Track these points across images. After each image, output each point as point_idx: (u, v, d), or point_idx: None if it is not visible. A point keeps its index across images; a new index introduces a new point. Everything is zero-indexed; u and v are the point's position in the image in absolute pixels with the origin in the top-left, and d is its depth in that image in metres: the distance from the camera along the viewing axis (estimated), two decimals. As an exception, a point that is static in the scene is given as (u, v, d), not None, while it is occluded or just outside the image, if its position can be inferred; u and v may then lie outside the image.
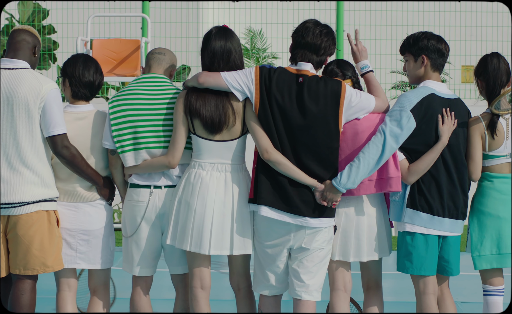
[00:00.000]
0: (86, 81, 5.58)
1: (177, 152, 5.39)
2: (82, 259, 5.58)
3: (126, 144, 5.48)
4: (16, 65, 5.43)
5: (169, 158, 5.39)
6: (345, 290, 5.57)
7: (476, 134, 5.61)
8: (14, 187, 5.36)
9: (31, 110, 5.35)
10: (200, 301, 5.44)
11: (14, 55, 5.46)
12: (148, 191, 5.50)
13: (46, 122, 5.36)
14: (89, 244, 5.57)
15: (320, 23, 5.42)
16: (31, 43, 5.51)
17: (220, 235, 5.35)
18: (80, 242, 5.56)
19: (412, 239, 5.50)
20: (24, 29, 5.54)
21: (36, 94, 5.35)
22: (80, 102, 5.62)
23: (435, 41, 5.55)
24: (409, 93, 5.50)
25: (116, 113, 5.49)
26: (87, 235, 5.56)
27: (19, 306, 5.43)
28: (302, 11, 12.81)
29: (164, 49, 5.70)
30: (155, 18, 12.99)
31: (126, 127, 5.47)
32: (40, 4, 15.34)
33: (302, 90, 5.29)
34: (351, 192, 5.40)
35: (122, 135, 5.47)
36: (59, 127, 5.38)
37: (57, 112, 5.38)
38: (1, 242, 5.44)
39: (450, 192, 5.51)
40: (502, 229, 5.64)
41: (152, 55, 5.64)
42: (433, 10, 13.72)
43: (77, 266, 5.59)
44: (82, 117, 5.58)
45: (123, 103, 5.50)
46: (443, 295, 5.67)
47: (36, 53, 5.54)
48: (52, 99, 5.37)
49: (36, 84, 5.38)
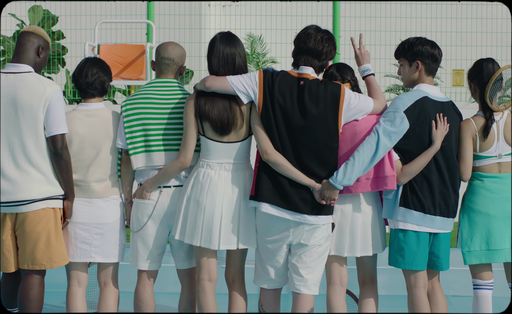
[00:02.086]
0: (89, 80, 5.57)
1: (188, 153, 5.38)
2: (97, 253, 5.56)
3: (138, 146, 5.47)
4: (20, 69, 5.42)
5: (181, 159, 5.39)
6: (341, 284, 5.57)
7: (468, 135, 5.61)
8: (21, 186, 5.34)
9: (35, 112, 5.33)
10: (207, 292, 5.45)
11: (18, 60, 5.45)
12: (158, 190, 5.50)
13: (49, 122, 5.35)
14: (103, 237, 5.55)
15: (321, 29, 5.42)
16: (35, 44, 5.48)
17: (229, 231, 5.37)
18: (95, 236, 5.55)
19: (404, 236, 5.50)
20: (29, 31, 5.51)
21: (40, 96, 5.34)
22: (91, 100, 5.62)
23: (429, 47, 5.54)
24: (403, 95, 5.50)
25: (129, 116, 5.49)
26: (101, 229, 5.55)
27: (28, 300, 5.42)
28: (300, 17, 12.82)
29: (173, 49, 5.61)
30: (160, 24, 12.99)
31: (139, 129, 5.47)
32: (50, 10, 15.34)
33: (303, 93, 5.28)
34: (349, 190, 5.40)
35: (134, 137, 5.47)
36: (61, 127, 5.37)
37: (59, 113, 5.37)
38: (10, 238, 5.44)
39: (442, 191, 5.50)
40: (491, 226, 5.65)
41: (162, 60, 5.59)
42: (425, 17, 13.72)
43: (92, 260, 5.57)
44: (92, 114, 5.57)
45: (136, 107, 5.50)
46: (434, 289, 5.67)
47: (40, 54, 5.50)
48: (55, 100, 5.36)
49: (40, 86, 5.37)
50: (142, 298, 5.58)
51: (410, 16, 13.51)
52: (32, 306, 5.41)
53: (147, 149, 5.48)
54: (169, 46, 5.62)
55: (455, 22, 13.71)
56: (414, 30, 12.44)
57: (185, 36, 13.56)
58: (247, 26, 14.23)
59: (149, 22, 11.62)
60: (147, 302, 5.58)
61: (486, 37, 13.45)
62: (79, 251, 5.55)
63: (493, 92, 5.63)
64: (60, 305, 7.32)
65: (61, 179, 5.44)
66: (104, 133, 5.55)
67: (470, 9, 13.72)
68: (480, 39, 13.42)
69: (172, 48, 5.61)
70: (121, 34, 13.90)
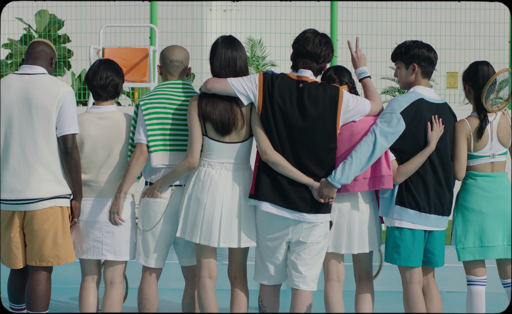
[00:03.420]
0: (103, 83, 5.56)
1: (195, 152, 5.37)
2: (108, 251, 5.55)
3: (158, 144, 5.46)
4: (35, 71, 5.46)
5: (189, 159, 5.37)
6: (338, 280, 5.57)
7: (462, 136, 5.61)
8: (30, 185, 5.35)
9: (49, 111, 5.35)
10: (208, 289, 5.44)
11: (33, 62, 5.49)
12: (170, 189, 5.49)
13: (61, 122, 5.37)
14: (114, 236, 5.54)
15: (319, 32, 5.41)
16: (49, 54, 5.55)
17: (229, 229, 5.36)
18: (106, 235, 5.54)
19: (400, 233, 5.50)
20: (43, 41, 5.59)
21: (54, 97, 5.36)
22: (103, 103, 5.61)
23: (425, 50, 5.54)
24: (400, 97, 5.50)
25: (149, 114, 5.46)
26: (111, 228, 5.54)
27: (35, 295, 5.42)
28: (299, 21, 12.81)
29: (180, 51, 5.62)
30: (162, 28, 12.99)
31: (158, 128, 5.46)
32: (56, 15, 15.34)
33: (303, 95, 5.28)
34: (346, 189, 5.40)
35: (154, 135, 5.46)
36: (73, 127, 5.38)
37: (71, 113, 5.39)
38: (19, 235, 5.44)
39: (436, 190, 5.50)
40: (485, 223, 5.65)
41: (171, 63, 5.58)
42: (420, 21, 13.73)
43: (103, 257, 5.56)
44: (104, 117, 5.56)
45: (154, 106, 5.47)
46: (429, 285, 5.66)
47: (52, 64, 5.58)
48: (68, 101, 5.39)
49: (54, 87, 5.39)
50: (147, 296, 5.57)
51: (405, 21, 13.52)
52: (39, 302, 5.42)
53: (165, 148, 5.48)
54: (176, 49, 5.62)
55: (449, 26, 13.72)
56: (409, 34, 12.44)
57: (187, 39, 13.56)
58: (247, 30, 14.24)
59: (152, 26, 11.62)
60: (152, 300, 5.57)
61: (479, 41, 13.46)
62: (91, 249, 5.55)
63: (487, 94, 5.63)
64: (67, 301, 7.32)
65: (69, 178, 5.44)
66: (116, 135, 5.54)
67: (464, 13, 13.73)
68: (474, 42, 13.43)
69: (179, 50, 5.62)
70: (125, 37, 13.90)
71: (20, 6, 14.66)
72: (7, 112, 5.38)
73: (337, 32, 12.53)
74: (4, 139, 5.39)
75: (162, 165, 5.49)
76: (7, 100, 5.38)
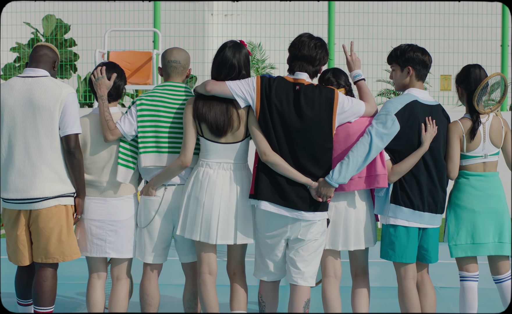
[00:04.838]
0: None
1: (188, 152, 5.37)
2: (112, 249, 5.54)
3: (149, 146, 5.46)
4: (37, 73, 5.45)
5: (181, 158, 5.38)
6: (335, 276, 5.57)
7: (455, 137, 5.61)
8: (35, 184, 5.34)
9: (52, 112, 5.34)
10: (208, 285, 5.44)
11: (36, 66, 5.48)
12: (163, 187, 5.49)
13: (63, 123, 5.36)
14: (117, 234, 5.53)
15: (314, 36, 5.41)
16: (51, 58, 5.53)
17: (226, 227, 5.35)
18: (109, 233, 5.53)
19: (395, 231, 5.50)
20: (46, 45, 5.57)
21: (56, 98, 5.35)
22: None
23: (420, 53, 5.54)
24: (394, 99, 5.50)
25: (143, 116, 5.46)
26: (114, 226, 5.53)
27: (41, 291, 5.42)
28: (297, 26, 12.81)
29: (178, 52, 5.60)
30: (165, 32, 12.99)
31: (151, 130, 5.45)
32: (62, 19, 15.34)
33: (299, 97, 5.28)
34: (343, 187, 5.40)
35: (146, 137, 5.45)
36: (75, 127, 5.37)
37: (74, 114, 5.38)
38: (25, 233, 5.44)
39: (430, 189, 5.50)
40: (476, 221, 5.65)
41: (169, 64, 5.57)
42: (415, 25, 13.74)
43: (107, 255, 5.55)
44: None
45: (149, 107, 5.47)
46: (423, 281, 5.66)
47: (55, 67, 5.56)
48: (70, 102, 5.38)
49: (56, 89, 5.39)
50: (148, 291, 5.57)
51: (401, 25, 13.53)
52: (46, 297, 5.42)
53: (158, 150, 5.47)
54: (174, 50, 5.61)
55: (443, 30, 13.72)
56: (404, 38, 12.45)
57: (189, 43, 13.56)
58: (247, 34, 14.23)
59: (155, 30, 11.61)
60: (152, 295, 5.56)
61: (472, 45, 13.46)
62: (95, 247, 5.54)
63: (479, 96, 5.63)
64: (72, 296, 7.32)
65: (73, 177, 5.43)
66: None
67: (457, 18, 13.74)
68: (467, 46, 13.43)
69: (177, 51, 5.60)
70: (129, 41, 13.90)
71: (28, 11, 14.65)
72: (11, 114, 5.37)
73: (335, 36, 12.53)
74: (9, 140, 5.38)
75: (153, 166, 5.47)
76: (11, 102, 5.38)
